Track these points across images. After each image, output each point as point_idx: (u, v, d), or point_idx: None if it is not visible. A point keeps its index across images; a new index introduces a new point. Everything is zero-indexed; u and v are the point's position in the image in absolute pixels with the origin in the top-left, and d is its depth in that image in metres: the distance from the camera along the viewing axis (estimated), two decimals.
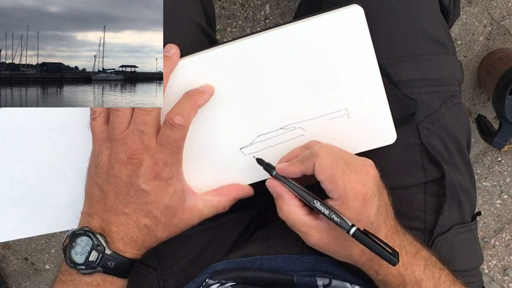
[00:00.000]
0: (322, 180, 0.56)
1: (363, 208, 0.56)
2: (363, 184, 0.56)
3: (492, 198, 1.40)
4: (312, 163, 0.56)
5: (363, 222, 0.57)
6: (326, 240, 0.59)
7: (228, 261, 0.67)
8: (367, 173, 0.57)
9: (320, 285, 0.64)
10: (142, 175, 0.56)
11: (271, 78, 0.60)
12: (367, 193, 0.56)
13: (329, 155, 0.56)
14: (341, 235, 0.58)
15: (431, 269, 0.60)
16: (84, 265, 0.57)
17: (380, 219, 0.58)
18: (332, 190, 0.56)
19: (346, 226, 0.55)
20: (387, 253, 0.54)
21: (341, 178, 0.55)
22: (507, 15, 1.26)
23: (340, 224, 0.56)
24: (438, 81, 0.68)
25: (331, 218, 0.56)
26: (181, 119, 0.55)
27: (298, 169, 0.58)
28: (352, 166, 0.57)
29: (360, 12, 0.58)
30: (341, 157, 0.57)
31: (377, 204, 0.58)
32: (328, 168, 0.55)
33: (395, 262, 0.54)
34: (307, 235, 0.59)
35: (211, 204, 0.62)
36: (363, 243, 0.55)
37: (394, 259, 0.54)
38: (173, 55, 0.57)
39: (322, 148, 0.57)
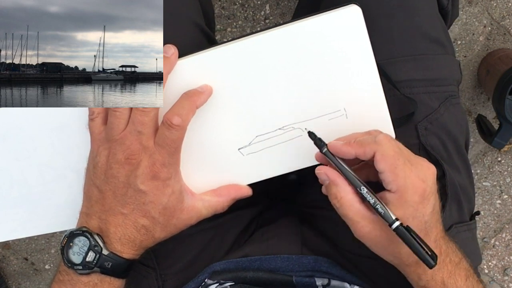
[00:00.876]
0: (383, 170, 0.54)
1: (420, 204, 0.55)
2: (423, 180, 0.55)
3: (492, 198, 1.40)
4: (372, 150, 0.54)
5: (418, 220, 0.55)
6: (377, 233, 0.56)
7: (227, 261, 0.67)
8: (428, 169, 0.56)
9: (319, 285, 0.64)
10: (140, 176, 0.56)
11: (270, 78, 0.60)
12: (426, 189, 0.55)
13: (392, 146, 0.55)
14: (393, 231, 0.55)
15: (471, 280, 0.59)
16: (81, 265, 0.57)
17: (433, 220, 0.57)
18: (391, 181, 0.54)
19: (390, 219, 0.54)
20: (426, 254, 0.53)
21: (402, 170, 0.54)
22: (507, 15, 1.26)
23: (383, 216, 0.54)
24: (437, 81, 0.68)
25: (376, 208, 0.54)
26: (179, 120, 0.55)
27: (354, 151, 0.56)
28: (413, 160, 0.56)
29: (358, 12, 0.58)
30: (402, 150, 0.56)
31: (433, 203, 0.56)
32: (391, 157, 0.54)
33: (432, 265, 0.53)
34: (358, 224, 0.56)
35: (209, 204, 0.62)
36: (404, 240, 0.53)
37: (431, 261, 0.53)
38: (172, 55, 0.57)
39: (386, 138, 0.55)
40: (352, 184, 0.56)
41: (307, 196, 0.77)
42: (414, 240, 0.53)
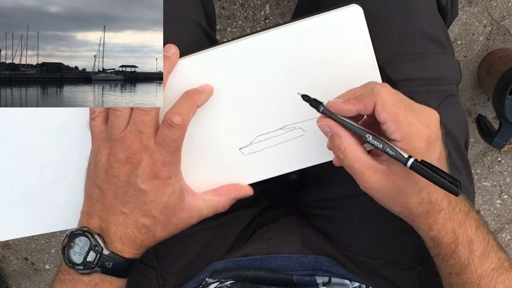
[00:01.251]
0: (385, 120, 0.52)
1: (427, 151, 0.53)
2: (427, 125, 0.53)
3: (492, 198, 1.40)
4: (372, 102, 0.52)
5: None
6: (384, 183, 0.55)
7: (228, 261, 0.67)
8: (431, 115, 0.54)
9: (320, 283, 0.64)
10: (141, 175, 0.56)
11: (271, 78, 0.60)
12: (431, 135, 0.53)
13: (391, 94, 0.53)
14: (401, 179, 0.54)
15: (481, 230, 0.58)
16: (82, 265, 0.57)
17: (441, 165, 0.55)
18: (395, 130, 0.52)
19: (402, 158, 0.52)
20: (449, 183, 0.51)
21: (405, 117, 0.52)
22: (507, 15, 1.26)
23: (395, 157, 0.52)
24: (436, 80, 0.68)
25: (386, 151, 0.52)
26: (180, 119, 0.55)
27: (355, 107, 0.54)
28: (415, 107, 0.54)
29: (360, 11, 0.58)
30: (402, 98, 0.54)
31: (440, 150, 0.55)
32: (392, 106, 0.52)
33: (458, 192, 0.50)
34: (364, 175, 0.55)
35: (210, 204, 0.62)
36: (422, 174, 0.51)
37: (457, 189, 0.50)
38: (173, 55, 0.57)
39: (385, 87, 0.53)
40: (357, 134, 0.54)
41: (308, 196, 0.77)
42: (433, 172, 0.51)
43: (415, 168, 0.51)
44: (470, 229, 0.58)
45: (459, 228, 0.57)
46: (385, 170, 0.55)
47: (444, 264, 0.60)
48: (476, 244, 0.57)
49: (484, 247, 0.58)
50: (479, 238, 0.58)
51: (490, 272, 0.58)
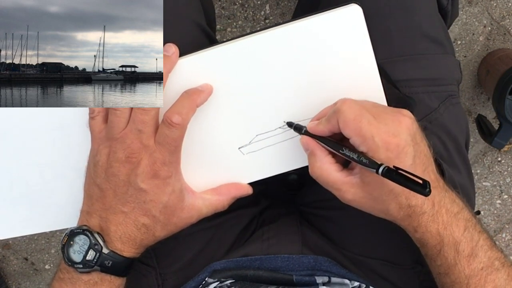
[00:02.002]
0: (349, 136, 0.54)
1: (396, 159, 0.53)
2: (394, 135, 0.53)
3: (492, 198, 1.40)
4: (335, 120, 0.55)
5: None
6: (361, 195, 0.57)
7: (227, 261, 0.67)
8: (399, 123, 0.55)
9: (320, 283, 0.64)
10: (141, 174, 0.56)
11: (270, 77, 0.60)
12: (399, 143, 0.53)
13: (351, 109, 0.54)
14: (376, 189, 0.55)
15: (470, 231, 0.58)
16: (81, 264, 0.57)
17: (417, 171, 0.55)
18: (360, 144, 0.54)
19: (375, 166, 0.53)
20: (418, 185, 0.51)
21: (368, 130, 0.53)
22: (507, 15, 1.26)
23: (369, 165, 0.53)
24: (437, 80, 0.68)
25: (360, 161, 0.53)
26: (179, 118, 0.55)
27: (326, 128, 0.56)
28: (381, 117, 0.54)
29: (359, 11, 0.58)
30: (368, 110, 0.55)
31: (413, 155, 0.55)
32: (352, 121, 0.53)
33: (426, 193, 0.50)
34: (341, 191, 0.57)
35: (210, 203, 0.62)
36: (392, 180, 0.52)
37: (424, 190, 0.51)
38: (172, 54, 0.57)
39: (345, 103, 0.55)
40: (333, 149, 0.56)
41: (307, 196, 0.77)
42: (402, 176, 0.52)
43: (386, 175, 0.52)
44: (457, 230, 0.58)
45: (444, 230, 0.57)
46: (359, 183, 0.56)
47: (432, 264, 0.60)
48: (463, 244, 0.58)
49: (472, 247, 0.58)
50: (467, 239, 0.58)
51: (479, 271, 0.58)
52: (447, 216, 0.58)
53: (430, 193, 0.50)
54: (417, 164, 0.55)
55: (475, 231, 0.59)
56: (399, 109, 0.57)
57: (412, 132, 0.55)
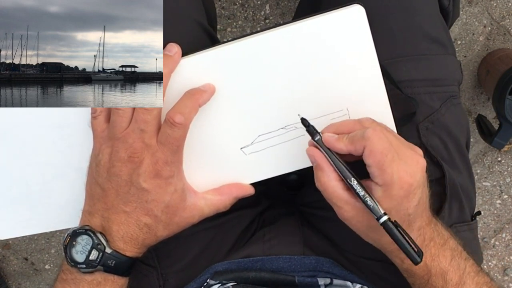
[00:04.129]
0: (370, 165, 0.55)
1: (405, 198, 0.55)
2: (411, 175, 0.55)
3: (492, 198, 1.41)
4: (362, 146, 0.55)
5: (402, 213, 0.56)
6: (359, 219, 0.58)
7: (229, 262, 0.67)
8: (417, 164, 0.56)
9: (322, 284, 0.64)
10: (143, 174, 0.56)
11: (272, 77, 0.60)
12: (412, 184, 0.55)
13: (381, 140, 0.55)
14: (374, 219, 0.56)
15: (457, 260, 0.60)
16: (84, 264, 0.57)
17: (418, 211, 0.57)
18: (378, 176, 0.55)
19: (378, 213, 0.54)
20: (413, 250, 0.53)
21: (389, 166, 0.54)
22: (507, 15, 1.26)
23: (372, 209, 0.55)
24: (438, 81, 0.68)
25: (365, 201, 0.55)
26: (182, 118, 0.55)
27: (346, 148, 0.56)
28: (403, 154, 0.56)
29: (362, 12, 0.58)
30: (393, 144, 0.56)
31: (419, 196, 0.56)
32: (379, 154, 0.54)
33: (417, 262, 0.53)
34: (341, 209, 0.58)
35: (211, 203, 0.62)
36: (390, 235, 0.54)
37: (417, 258, 0.53)
38: (175, 54, 0.57)
39: (375, 132, 0.55)
40: (343, 175, 0.57)
41: (308, 196, 0.77)
42: (401, 236, 0.54)
43: (385, 226, 0.54)
44: (444, 260, 0.59)
45: (432, 261, 0.59)
46: (361, 208, 0.57)
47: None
48: (450, 274, 0.59)
49: (459, 275, 0.59)
50: (454, 268, 0.59)
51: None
52: (434, 248, 0.59)
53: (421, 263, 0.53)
54: (420, 205, 0.57)
55: (461, 259, 0.60)
56: (413, 146, 0.59)
57: (424, 174, 0.57)
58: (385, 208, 0.55)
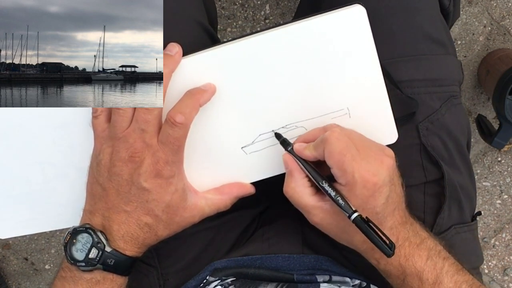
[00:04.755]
0: (331, 166, 0.56)
1: (370, 197, 0.56)
2: (373, 174, 0.56)
3: (492, 198, 1.41)
4: (322, 149, 0.56)
5: (369, 211, 0.56)
6: (328, 221, 0.59)
7: (228, 260, 0.67)
8: (381, 163, 0.57)
9: (321, 281, 0.64)
10: (143, 174, 0.56)
11: (273, 77, 0.60)
12: (377, 183, 0.56)
13: (339, 141, 0.56)
14: (343, 220, 0.57)
15: (434, 259, 0.60)
16: (84, 262, 0.57)
17: (387, 210, 0.58)
18: (340, 176, 0.56)
19: (348, 210, 0.55)
20: (384, 244, 0.54)
21: (350, 165, 0.55)
22: (507, 15, 1.26)
23: (343, 207, 0.56)
24: (438, 81, 0.68)
25: (336, 201, 0.56)
26: (183, 118, 0.55)
27: (312, 154, 0.58)
28: (365, 153, 0.56)
29: (363, 12, 0.58)
30: (355, 144, 0.57)
31: (387, 195, 0.57)
32: (337, 154, 0.55)
33: (390, 254, 0.54)
34: (309, 214, 0.59)
35: (212, 202, 0.62)
36: (362, 230, 0.55)
37: (389, 251, 0.54)
38: (176, 54, 0.57)
39: (333, 133, 0.56)
40: (314, 179, 0.58)
41: None
42: (372, 230, 0.55)
43: (356, 222, 0.55)
44: (420, 260, 0.59)
45: (406, 261, 0.59)
46: (329, 210, 0.58)
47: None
48: (426, 273, 0.59)
49: (436, 275, 0.59)
50: (430, 267, 0.59)
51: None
52: (409, 248, 0.59)
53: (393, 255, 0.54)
54: (389, 203, 0.58)
55: (439, 258, 0.60)
56: (383, 147, 0.59)
57: (391, 172, 0.58)
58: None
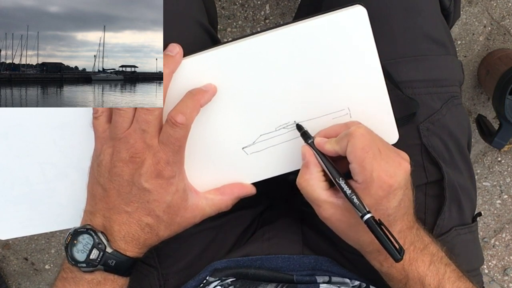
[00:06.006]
0: (351, 161, 0.56)
1: (384, 198, 0.56)
2: (391, 176, 0.55)
3: (492, 198, 1.41)
4: (345, 143, 0.56)
5: (380, 213, 0.56)
6: (338, 217, 0.59)
7: (228, 260, 0.67)
8: (399, 165, 0.57)
9: (321, 282, 0.64)
10: (144, 174, 0.56)
11: (274, 77, 0.60)
12: (393, 185, 0.56)
13: (364, 137, 0.56)
14: (354, 218, 0.57)
15: (436, 265, 0.60)
16: (85, 263, 0.57)
17: (399, 213, 0.58)
18: (358, 173, 0.56)
19: (362, 210, 0.55)
20: (394, 248, 0.54)
21: (370, 163, 0.55)
22: (507, 15, 1.26)
23: (357, 207, 0.55)
24: (439, 81, 0.68)
25: (351, 199, 0.55)
26: (183, 118, 0.55)
27: (333, 149, 0.58)
28: (385, 154, 0.56)
29: (363, 12, 0.58)
30: (376, 143, 0.56)
31: (400, 198, 0.57)
32: (360, 150, 0.55)
33: (398, 259, 0.54)
34: (320, 208, 0.59)
35: (213, 203, 0.62)
36: (373, 232, 0.55)
37: (398, 255, 0.54)
38: (176, 54, 0.57)
39: (359, 129, 0.56)
40: (331, 174, 0.58)
41: None
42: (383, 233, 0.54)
43: (368, 223, 0.55)
44: (423, 265, 0.59)
45: (409, 266, 0.59)
46: (341, 207, 0.58)
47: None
48: (428, 278, 0.59)
49: (438, 280, 0.59)
50: (432, 273, 0.59)
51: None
52: (413, 252, 0.59)
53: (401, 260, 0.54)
54: (401, 207, 0.58)
55: (441, 264, 0.60)
56: (398, 151, 0.59)
57: (407, 177, 0.58)
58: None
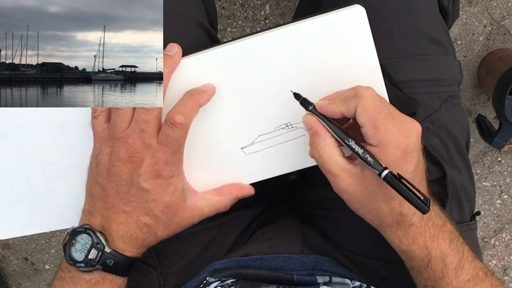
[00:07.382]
0: (363, 124, 0.53)
1: (402, 160, 0.53)
2: (405, 136, 0.53)
3: (492, 198, 1.41)
4: (354, 105, 0.53)
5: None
6: (356, 187, 0.55)
7: (228, 260, 0.67)
8: (412, 126, 0.55)
9: (321, 282, 0.64)
10: (143, 174, 0.56)
11: (273, 78, 0.60)
12: (408, 145, 0.53)
13: (374, 98, 0.53)
14: (373, 185, 0.54)
15: (455, 243, 0.58)
16: (83, 263, 0.57)
17: (415, 180, 0.55)
18: (372, 135, 0.53)
19: (378, 168, 0.52)
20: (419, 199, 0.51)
21: (383, 123, 0.52)
22: (507, 15, 1.26)
23: (372, 165, 0.52)
24: (438, 81, 0.68)
25: (365, 158, 0.53)
26: (182, 118, 0.55)
27: (339, 109, 0.55)
28: (396, 115, 0.54)
29: (362, 12, 0.58)
30: (386, 105, 0.54)
31: (416, 161, 0.55)
32: (372, 110, 0.52)
33: (425, 210, 0.51)
34: (337, 178, 0.55)
35: (212, 203, 0.62)
36: (393, 187, 0.51)
37: (425, 207, 0.51)
38: (175, 54, 0.57)
39: (368, 90, 0.54)
40: (339, 137, 0.55)
41: (308, 196, 0.77)
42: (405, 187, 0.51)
43: (388, 180, 0.52)
44: (444, 242, 0.57)
45: (432, 242, 0.57)
46: (358, 175, 0.55)
47: (419, 277, 0.60)
48: (450, 257, 0.57)
49: (459, 259, 0.58)
50: (454, 251, 0.58)
51: (466, 283, 0.58)
52: (433, 229, 0.57)
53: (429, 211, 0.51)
54: (417, 172, 0.55)
55: (459, 242, 0.59)
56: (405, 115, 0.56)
57: (419, 140, 0.55)
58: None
